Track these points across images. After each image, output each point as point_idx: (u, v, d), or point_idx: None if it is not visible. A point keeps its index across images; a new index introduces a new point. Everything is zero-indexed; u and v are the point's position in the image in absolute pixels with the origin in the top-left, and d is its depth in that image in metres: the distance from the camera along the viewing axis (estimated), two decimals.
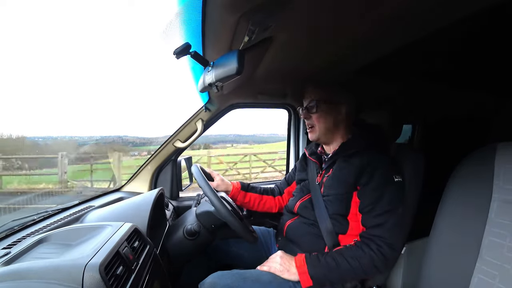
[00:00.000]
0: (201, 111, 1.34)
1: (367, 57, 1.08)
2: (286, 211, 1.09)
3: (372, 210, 0.83)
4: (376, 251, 0.78)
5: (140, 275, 0.65)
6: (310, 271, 0.80)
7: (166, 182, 1.42)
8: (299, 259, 0.83)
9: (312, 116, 0.95)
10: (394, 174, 0.85)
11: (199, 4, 0.50)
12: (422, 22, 0.78)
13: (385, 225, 0.80)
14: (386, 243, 0.79)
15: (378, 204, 0.82)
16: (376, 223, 0.81)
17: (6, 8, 13.51)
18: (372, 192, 0.84)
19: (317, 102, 0.93)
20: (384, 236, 0.80)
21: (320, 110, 0.93)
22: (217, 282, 0.81)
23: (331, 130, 0.96)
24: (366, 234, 0.83)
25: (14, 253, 0.60)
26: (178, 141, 1.35)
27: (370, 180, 0.84)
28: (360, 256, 0.79)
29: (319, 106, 0.93)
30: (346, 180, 0.88)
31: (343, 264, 0.79)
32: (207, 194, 0.84)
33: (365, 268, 0.78)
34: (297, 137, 1.68)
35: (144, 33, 27.14)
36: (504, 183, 0.66)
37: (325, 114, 0.93)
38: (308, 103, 0.95)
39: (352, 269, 0.78)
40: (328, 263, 0.80)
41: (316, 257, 0.82)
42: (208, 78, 0.67)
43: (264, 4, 0.53)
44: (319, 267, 0.80)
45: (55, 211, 0.98)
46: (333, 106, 0.93)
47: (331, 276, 0.80)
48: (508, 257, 0.62)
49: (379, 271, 0.80)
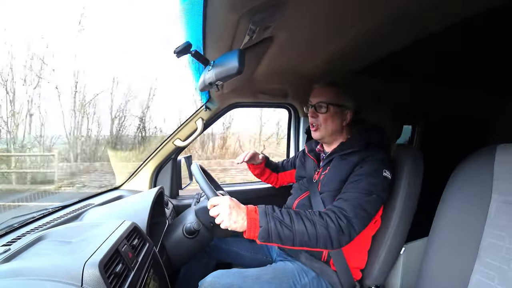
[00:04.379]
0: (201, 110, 1.35)
1: (367, 57, 1.08)
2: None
3: (345, 190, 0.83)
4: (335, 220, 0.74)
5: (139, 273, 0.66)
6: (261, 219, 0.71)
7: (166, 181, 1.42)
8: (252, 206, 0.75)
9: (319, 115, 0.94)
10: (384, 169, 0.84)
11: (201, 4, 0.50)
12: (422, 23, 0.79)
13: (350, 202, 0.78)
14: (346, 216, 0.75)
15: (353, 186, 0.82)
16: (343, 197, 0.81)
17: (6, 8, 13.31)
18: (353, 177, 0.84)
19: (327, 104, 0.92)
20: (345, 209, 0.77)
21: (329, 111, 0.92)
22: (216, 281, 0.82)
23: (336, 132, 0.96)
24: (330, 205, 0.81)
25: (14, 250, 0.60)
26: (178, 140, 1.35)
27: (358, 170, 0.85)
28: (318, 222, 0.74)
29: (328, 108, 0.92)
30: (340, 176, 0.88)
31: (298, 224, 0.72)
32: (202, 187, 0.84)
33: (319, 234, 0.72)
34: (297, 136, 1.68)
35: (144, 33, 26.90)
36: (503, 184, 0.66)
37: (333, 117, 0.93)
38: (317, 102, 0.94)
39: (306, 232, 0.72)
40: (283, 217, 0.73)
41: (271, 207, 0.76)
42: (208, 77, 0.67)
43: (264, 4, 0.53)
44: (271, 217, 0.72)
45: (55, 209, 0.98)
46: (341, 109, 0.93)
47: (281, 232, 0.71)
48: (507, 258, 0.62)
49: (331, 244, 0.74)
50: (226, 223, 0.71)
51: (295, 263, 0.93)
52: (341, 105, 0.93)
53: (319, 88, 0.96)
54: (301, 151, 1.19)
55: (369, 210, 0.79)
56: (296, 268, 0.91)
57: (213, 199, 0.76)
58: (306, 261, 0.92)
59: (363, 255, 0.93)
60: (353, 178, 0.84)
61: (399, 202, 0.88)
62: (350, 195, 0.80)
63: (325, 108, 0.92)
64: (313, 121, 0.96)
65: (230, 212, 0.71)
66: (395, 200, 0.89)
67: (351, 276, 0.90)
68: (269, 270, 0.90)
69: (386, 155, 0.88)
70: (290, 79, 1.34)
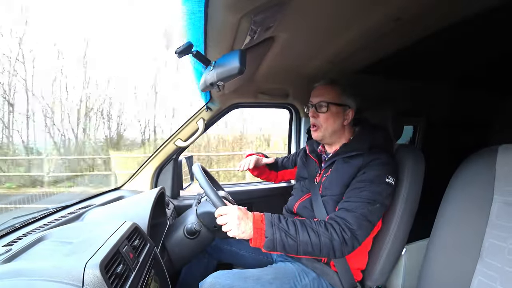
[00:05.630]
0: (203, 111, 1.35)
1: (368, 57, 1.08)
2: (285, 211, 1.09)
3: (348, 198, 0.82)
4: (339, 233, 0.75)
5: (140, 273, 0.66)
6: (267, 230, 0.73)
7: (167, 181, 1.42)
8: (258, 215, 0.77)
9: (320, 115, 0.93)
10: (388, 174, 0.83)
11: (202, 4, 0.50)
12: (422, 23, 0.78)
13: (353, 212, 0.78)
14: (350, 228, 0.76)
15: (356, 194, 0.81)
16: (346, 207, 0.80)
17: None
18: (356, 183, 0.83)
19: (328, 103, 0.92)
20: (350, 221, 0.77)
21: (329, 111, 0.92)
22: (217, 282, 0.81)
23: (337, 132, 0.95)
24: (334, 215, 0.81)
25: (15, 250, 0.60)
26: (179, 140, 1.35)
27: (361, 175, 0.84)
28: (322, 233, 0.75)
29: (329, 107, 0.92)
30: (342, 180, 0.87)
31: (303, 235, 0.74)
32: (208, 194, 0.84)
33: (323, 245, 0.74)
34: (298, 137, 1.68)
35: (144, 33, 26.91)
36: (505, 185, 0.66)
37: (333, 116, 0.92)
38: (317, 102, 0.94)
39: (310, 242, 0.74)
40: (288, 227, 0.75)
41: (277, 216, 0.78)
42: (209, 77, 0.67)
43: (265, 4, 0.53)
44: (277, 228, 0.74)
45: (56, 209, 0.98)
46: (342, 109, 0.93)
47: (286, 242, 0.73)
48: (509, 259, 0.62)
49: (334, 254, 0.76)
50: (235, 232, 0.74)
51: (296, 264, 0.93)
52: (342, 104, 0.92)
53: (320, 88, 0.95)
54: (302, 150, 1.18)
55: (372, 220, 0.80)
56: (297, 268, 0.91)
57: (221, 209, 0.78)
58: (307, 261, 0.92)
59: (364, 256, 0.93)
60: (356, 184, 0.83)
61: (400, 203, 0.88)
62: (354, 205, 0.80)
63: (326, 107, 0.92)
64: (314, 121, 0.95)
65: (239, 223, 0.73)
66: (397, 201, 0.88)
67: (352, 277, 0.89)
68: (270, 270, 0.90)
69: (390, 159, 0.87)
70: (291, 79, 1.34)
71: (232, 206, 0.78)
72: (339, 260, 0.88)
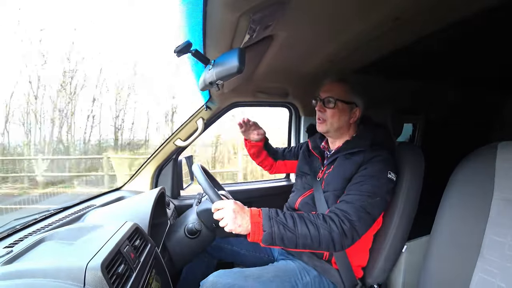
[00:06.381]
0: (202, 110, 1.34)
1: (367, 56, 1.08)
2: (286, 208, 1.09)
3: (349, 191, 0.83)
4: (338, 224, 0.75)
5: (141, 273, 0.66)
6: (265, 223, 0.72)
7: (167, 181, 1.42)
8: (255, 210, 0.76)
9: (327, 110, 0.94)
10: (389, 170, 0.84)
11: (200, 3, 0.50)
12: (422, 23, 0.78)
13: (353, 204, 0.78)
14: (349, 219, 0.76)
15: (357, 187, 0.82)
16: (346, 200, 0.80)
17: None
18: (357, 178, 0.84)
19: (336, 100, 0.92)
20: (349, 212, 0.77)
21: (337, 107, 0.92)
22: (218, 281, 0.82)
23: (341, 129, 0.96)
24: (334, 207, 0.81)
25: (16, 252, 0.60)
26: (179, 140, 1.35)
27: (362, 170, 0.84)
28: (321, 225, 0.74)
29: (336, 104, 0.92)
30: (344, 176, 0.88)
31: (301, 228, 0.73)
32: (205, 189, 0.84)
33: (322, 238, 0.73)
34: (298, 135, 1.68)
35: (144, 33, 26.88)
36: (505, 182, 0.66)
37: (340, 112, 0.93)
38: (326, 97, 0.94)
39: (309, 234, 0.73)
40: (286, 220, 0.74)
41: (275, 210, 0.77)
42: (209, 76, 0.66)
43: (265, 3, 0.53)
44: (275, 221, 0.73)
45: (57, 210, 0.98)
46: (349, 107, 0.93)
47: (284, 236, 0.72)
48: (509, 255, 0.62)
49: (334, 247, 0.75)
50: (231, 226, 0.72)
51: (297, 262, 0.93)
52: (350, 102, 0.93)
53: (329, 84, 0.96)
54: (305, 144, 1.17)
55: (372, 213, 0.79)
56: (298, 267, 0.91)
57: (218, 203, 0.76)
58: (308, 260, 0.92)
59: (365, 253, 0.93)
60: (357, 179, 0.84)
61: (400, 200, 0.88)
62: (354, 197, 0.80)
63: (333, 103, 0.92)
64: (320, 115, 0.96)
65: (235, 216, 0.72)
66: (397, 198, 0.88)
67: (353, 275, 0.90)
68: (271, 269, 0.90)
69: (390, 155, 0.88)
70: (290, 78, 1.33)
71: (228, 201, 0.76)
72: (340, 257, 0.88)
